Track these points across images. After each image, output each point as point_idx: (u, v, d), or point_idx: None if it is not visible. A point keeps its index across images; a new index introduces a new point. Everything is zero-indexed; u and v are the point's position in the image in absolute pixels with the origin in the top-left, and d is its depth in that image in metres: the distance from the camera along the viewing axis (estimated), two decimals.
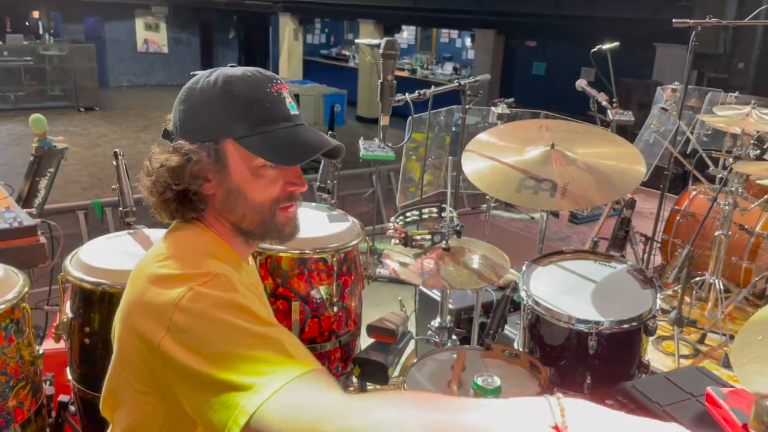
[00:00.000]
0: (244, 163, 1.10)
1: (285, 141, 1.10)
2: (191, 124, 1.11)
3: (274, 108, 1.11)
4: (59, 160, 3.26)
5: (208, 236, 1.15)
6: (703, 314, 3.80)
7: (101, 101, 10.99)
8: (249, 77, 1.11)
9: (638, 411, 1.71)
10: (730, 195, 3.50)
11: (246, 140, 1.09)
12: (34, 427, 1.72)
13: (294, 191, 1.15)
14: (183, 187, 1.09)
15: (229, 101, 1.09)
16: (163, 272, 1.03)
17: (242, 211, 1.13)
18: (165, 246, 1.12)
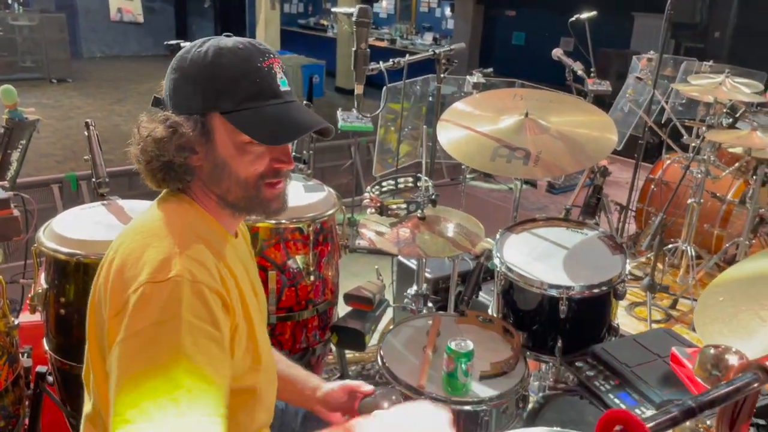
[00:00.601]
0: (230, 138, 1.10)
1: (271, 119, 1.09)
2: (180, 95, 1.11)
3: (264, 84, 1.10)
4: (31, 132, 3.20)
5: (193, 210, 1.15)
6: (675, 281, 3.89)
7: (74, 73, 10.74)
8: (240, 50, 1.09)
9: (608, 372, 1.76)
10: (702, 163, 3.56)
11: (232, 115, 1.09)
12: (11, 397, 1.73)
13: (280, 168, 1.15)
14: (168, 159, 1.09)
15: (218, 74, 1.08)
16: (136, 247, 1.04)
17: (227, 185, 1.13)
18: (148, 217, 1.12)
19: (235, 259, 1.20)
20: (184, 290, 0.98)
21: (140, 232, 1.08)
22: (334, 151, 6.25)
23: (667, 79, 4.93)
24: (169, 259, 1.01)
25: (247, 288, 1.21)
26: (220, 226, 1.18)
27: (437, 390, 1.71)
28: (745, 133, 3.18)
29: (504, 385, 1.74)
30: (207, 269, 1.04)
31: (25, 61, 10.36)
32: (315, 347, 2.26)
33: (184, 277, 0.99)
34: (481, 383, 1.74)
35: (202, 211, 1.16)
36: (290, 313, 2.14)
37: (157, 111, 1.13)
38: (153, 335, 0.95)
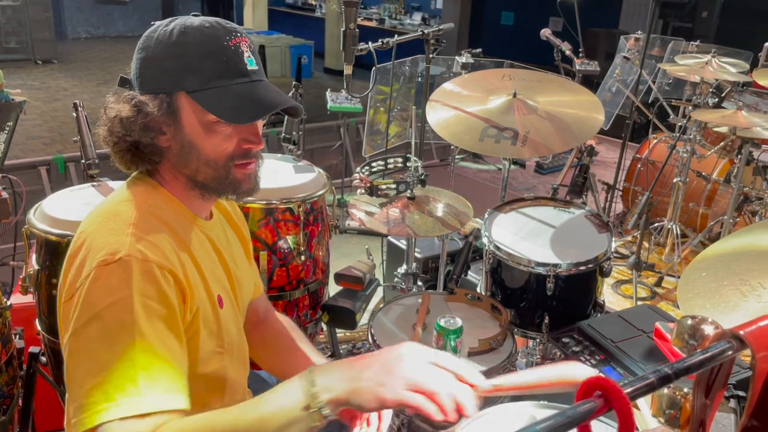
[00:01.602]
0: (196, 118, 1.09)
1: (237, 98, 1.08)
2: (146, 74, 1.10)
3: (230, 63, 1.09)
4: (17, 113, 3.17)
5: (158, 193, 1.14)
6: (660, 259, 3.94)
7: (59, 54, 10.60)
8: (206, 29, 1.08)
9: (593, 347, 1.80)
10: (688, 143, 3.59)
11: (198, 94, 1.08)
12: (5, 378, 1.74)
13: (250, 149, 1.14)
14: (135, 139, 1.09)
15: (184, 53, 1.07)
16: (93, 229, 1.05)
17: (196, 165, 1.12)
18: (111, 199, 1.14)
19: (204, 242, 1.20)
20: (134, 270, 0.99)
21: (100, 214, 1.10)
22: (324, 133, 6.23)
23: (654, 58, 4.95)
24: (120, 240, 1.02)
25: (215, 271, 1.21)
26: (186, 209, 1.17)
27: None
28: (731, 113, 3.21)
29: (492, 360, 1.78)
30: (160, 249, 1.04)
31: (9, 42, 10.19)
32: (306, 326, 2.28)
33: (133, 256, 1.00)
34: (470, 359, 1.78)
35: (168, 195, 1.15)
36: (281, 293, 2.16)
37: (124, 91, 1.12)
38: (106, 318, 0.96)
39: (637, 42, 4.32)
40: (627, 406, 0.51)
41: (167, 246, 1.06)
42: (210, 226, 1.24)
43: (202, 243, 1.19)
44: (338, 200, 4.19)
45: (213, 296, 1.17)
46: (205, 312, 1.13)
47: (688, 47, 4.41)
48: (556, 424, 0.49)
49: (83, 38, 13.40)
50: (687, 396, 0.65)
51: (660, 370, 0.55)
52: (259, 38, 10.20)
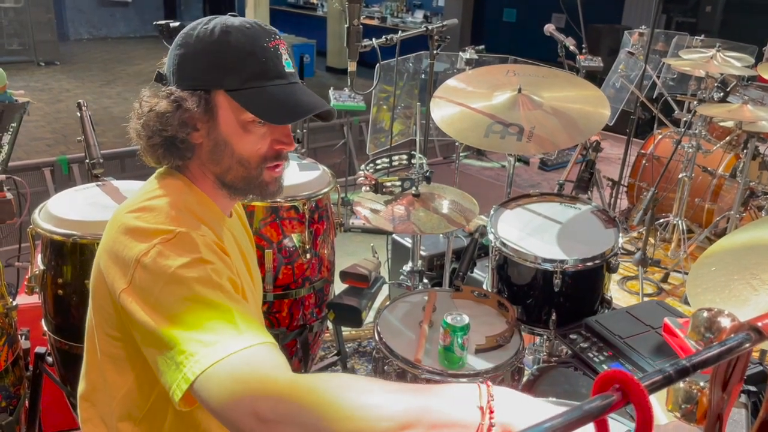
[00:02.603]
0: (233, 116, 1.09)
1: (276, 99, 1.09)
2: (185, 71, 1.10)
3: (270, 64, 1.09)
4: (21, 114, 3.17)
5: (188, 189, 1.15)
6: (666, 255, 3.93)
7: (62, 55, 10.60)
8: (247, 29, 1.09)
9: (601, 343, 1.79)
10: (693, 138, 3.58)
11: (237, 93, 1.08)
12: (11, 378, 1.74)
13: (281, 150, 1.14)
14: (170, 134, 1.09)
15: (225, 52, 1.07)
16: (133, 224, 1.04)
17: (228, 163, 1.13)
18: (143, 195, 1.12)
19: (231, 240, 1.21)
20: (196, 237, 1.01)
21: (132, 207, 1.08)
22: (327, 131, 6.22)
23: (658, 53, 4.93)
24: (170, 222, 1.03)
25: (241, 269, 1.22)
26: (216, 206, 1.18)
27: (434, 363, 1.73)
28: (736, 107, 3.19)
29: (499, 357, 1.77)
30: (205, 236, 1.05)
31: (11, 44, 10.20)
32: (312, 324, 2.28)
33: (190, 231, 1.01)
34: (477, 356, 1.77)
35: (200, 192, 1.15)
36: (287, 291, 2.15)
37: (159, 86, 1.13)
38: (182, 275, 0.95)
39: (641, 37, 4.30)
40: (645, 399, 0.50)
41: (208, 234, 1.07)
42: (232, 224, 1.26)
43: (229, 241, 1.20)
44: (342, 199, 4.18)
45: (240, 288, 1.16)
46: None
47: (693, 42, 4.39)
48: (574, 418, 0.48)
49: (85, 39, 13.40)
50: (703, 390, 0.64)
51: (678, 362, 0.54)
52: None
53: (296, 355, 2.27)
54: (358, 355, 2.94)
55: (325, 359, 2.69)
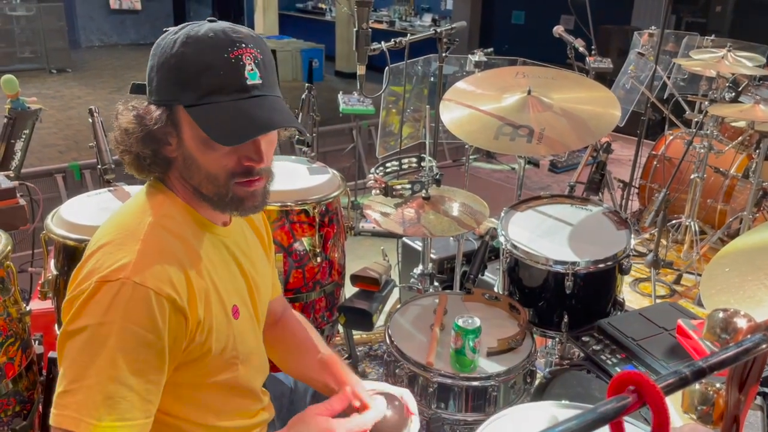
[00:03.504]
0: (195, 132, 1.06)
1: (230, 116, 1.03)
2: (152, 83, 1.08)
3: (228, 77, 1.03)
4: (34, 121, 3.20)
5: (171, 203, 1.13)
6: (679, 256, 3.90)
7: (73, 62, 10.69)
8: (209, 39, 1.04)
9: (614, 345, 1.78)
10: (705, 138, 3.55)
11: (193, 109, 1.04)
12: (25, 383, 1.75)
13: (251, 167, 1.09)
14: (137, 150, 1.08)
15: (183, 65, 1.04)
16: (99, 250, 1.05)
17: (198, 179, 1.10)
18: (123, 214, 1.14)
19: (219, 251, 1.18)
20: (129, 294, 0.99)
21: (115, 225, 1.10)
22: (336, 135, 6.23)
23: (668, 54, 4.90)
24: (126, 258, 1.02)
25: (232, 281, 1.19)
26: (201, 218, 1.15)
27: (445, 367, 1.73)
28: (748, 107, 3.16)
29: (511, 360, 1.76)
30: (165, 271, 1.03)
31: (23, 51, 10.30)
32: (323, 328, 2.28)
33: (131, 279, 1.00)
34: (489, 359, 1.76)
35: (182, 204, 1.13)
36: (298, 295, 2.16)
37: (135, 98, 1.11)
38: (91, 335, 0.98)
39: (651, 38, 4.28)
40: (662, 400, 0.49)
41: (174, 265, 1.05)
42: (227, 233, 1.22)
43: (218, 252, 1.17)
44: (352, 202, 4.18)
45: (227, 308, 1.15)
46: (218, 324, 1.12)
47: (703, 42, 4.36)
48: (589, 420, 0.48)
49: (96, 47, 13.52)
50: (719, 391, 0.64)
51: (694, 364, 0.53)
52: (270, 43, 10.23)
53: None
54: (369, 359, 2.93)
55: None
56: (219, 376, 1.16)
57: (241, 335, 1.19)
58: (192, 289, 1.07)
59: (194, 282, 1.07)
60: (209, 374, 1.14)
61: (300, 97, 2.35)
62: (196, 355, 1.09)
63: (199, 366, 1.11)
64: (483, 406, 1.72)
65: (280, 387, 1.54)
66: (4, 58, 10.03)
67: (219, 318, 1.12)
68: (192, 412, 1.16)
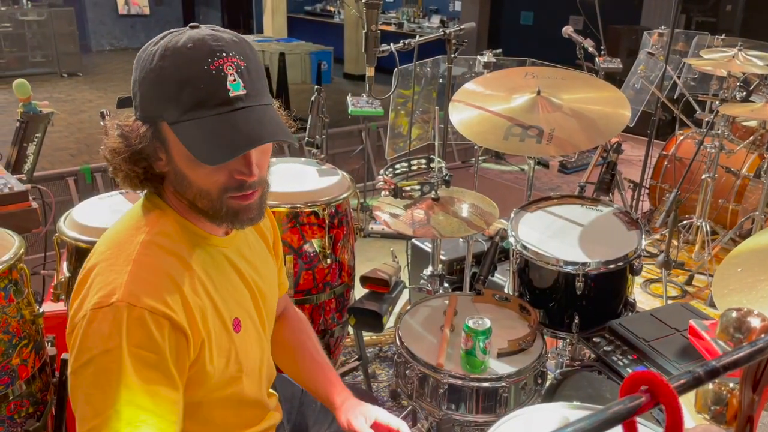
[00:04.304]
0: (182, 149, 1.02)
1: (211, 132, 0.99)
2: (136, 99, 1.05)
3: (209, 90, 0.99)
4: (46, 125, 3.23)
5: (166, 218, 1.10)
6: (690, 257, 3.87)
7: (84, 66, 10.79)
8: (188, 50, 0.99)
9: (625, 346, 1.77)
10: (716, 138, 3.53)
11: (177, 126, 1.00)
12: (39, 384, 1.77)
13: (243, 181, 1.05)
14: (126, 168, 1.05)
15: (162, 80, 1.00)
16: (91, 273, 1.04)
17: (191, 194, 1.07)
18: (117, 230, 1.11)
19: (219, 263, 1.16)
20: (124, 317, 0.98)
21: (109, 243, 1.08)
22: (345, 137, 6.24)
23: (678, 54, 4.88)
24: (118, 280, 1.01)
25: (233, 293, 1.17)
26: (199, 230, 1.13)
27: (456, 368, 1.72)
28: (759, 106, 3.14)
29: (522, 361, 1.76)
30: (157, 290, 1.02)
31: (35, 56, 10.40)
32: (333, 329, 2.28)
33: (125, 301, 0.98)
34: (499, 360, 1.76)
35: (178, 217, 1.11)
36: (308, 296, 2.16)
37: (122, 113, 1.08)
38: (98, 365, 0.97)
39: (660, 37, 4.26)
40: (675, 400, 0.49)
41: (168, 284, 1.03)
42: (229, 242, 1.19)
43: (217, 265, 1.15)
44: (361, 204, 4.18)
45: (227, 322, 1.14)
46: (218, 340, 1.11)
47: (714, 41, 4.33)
48: (602, 420, 0.48)
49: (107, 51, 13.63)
50: (733, 391, 0.63)
51: (708, 363, 0.53)
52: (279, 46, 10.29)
53: None
54: (379, 360, 2.93)
55: (347, 364, 2.69)
56: (223, 390, 1.15)
57: (243, 348, 1.17)
58: (188, 307, 1.05)
59: (190, 299, 1.05)
60: (213, 389, 1.13)
61: (309, 100, 2.36)
62: (199, 371, 1.09)
63: (201, 382, 1.10)
64: (494, 407, 1.71)
65: (290, 388, 1.54)
66: (16, 63, 10.13)
67: (218, 333, 1.11)
68: (198, 426, 1.15)
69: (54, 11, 10.55)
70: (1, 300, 1.61)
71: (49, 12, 10.45)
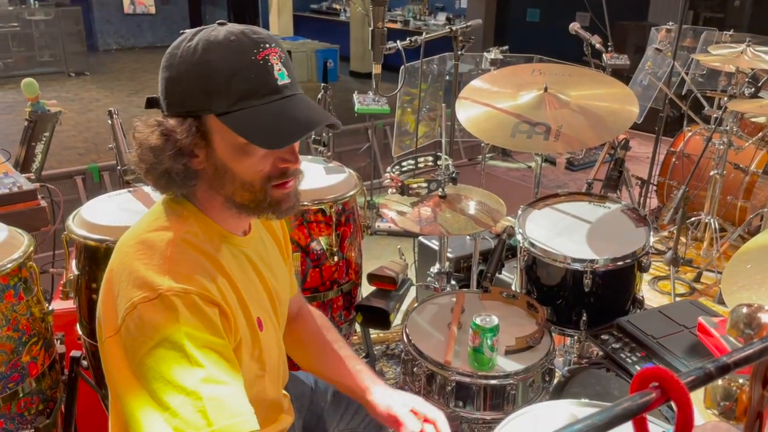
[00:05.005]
0: (227, 141, 1.02)
1: (268, 119, 1.01)
2: (172, 96, 1.04)
3: (259, 80, 1.01)
4: (54, 124, 3.25)
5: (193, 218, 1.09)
6: (698, 254, 3.86)
7: (91, 66, 10.82)
8: (232, 42, 1.00)
9: (634, 344, 1.76)
10: (724, 134, 3.51)
11: (227, 117, 1.00)
12: (48, 381, 1.78)
13: (287, 168, 1.07)
14: (166, 167, 1.03)
15: (208, 73, 0.99)
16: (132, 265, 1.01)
17: (231, 188, 1.06)
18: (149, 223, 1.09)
19: (241, 263, 1.16)
20: (177, 304, 0.96)
21: (134, 245, 1.05)
22: (351, 135, 6.24)
23: (686, 50, 4.85)
24: (158, 275, 0.99)
25: (255, 293, 1.17)
26: (222, 230, 1.12)
27: (463, 365, 1.72)
28: None
29: (529, 359, 1.76)
30: (198, 281, 1.01)
31: (43, 55, 10.44)
32: (340, 327, 2.28)
33: (172, 290, 0.97)
34: (507, 358, 1.76)
35: (203, 217, 1.10)
36: (315, 294, 2.16)
37: (152, 114, 1.07)
38: (160, 357, 0.94)
39: (668, 33, 4.24)
40: (686, 396, 0.49)
41: (205, 276, 1.03)
42: (247, 242, 1.19)
43: (240, 264, 1.15)
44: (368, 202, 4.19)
45: (253, 320, 1.13)
46: (246, 338, 1.11)
47: (722, 37, 4.31)
48: (612, 416, 0.48)
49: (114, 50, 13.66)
50: (743, 387, 0.63)
51: (718, 360, 0.53)
52: (285, 44, 10.26)
53: None
54: (386, 358, 2.94)
55: None
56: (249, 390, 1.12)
57: (267, 347, 1.17)
58: (224, 298, 1.05)
59: (225, 292, 1.05)
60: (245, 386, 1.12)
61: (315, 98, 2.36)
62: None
63: None
64: (501, 404, 1.72)
65: (300, 386, 1.54)
66: (23, 62, 10.17)
67: (245, 329, 1.11)
68: None
69: (61, 11, 10.57)
70: (11, 298, 1.62)
71: (57, 11, 10.48)
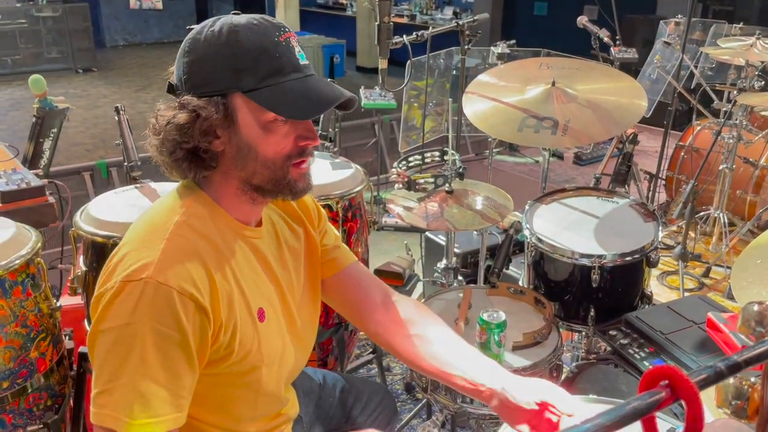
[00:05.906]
0: (254, 118, 1.07)
1: (296, 93, 1.06)
2: (197, 77, 1.07)
3: (284, 58, 1.06)
4: (61, 120, 3.26)
5: (203, 203, 1.12)
6: (707, 248, 3.83)
7: (99, 62, 10.86)
8: (255, 25, 1.06)
9: (642, 339, 1.75)
10: (734, 128, 3.48)
11: (255, 93, 1.05)
12: (57, 377, 1.78)
13: (306, 146, 1.12)
14: (193, 145, 1.06)
15: (236, 52, 1.04)
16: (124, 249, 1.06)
17: (252, 167, 1.10)
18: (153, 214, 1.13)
19: (246, 253, 1.17)
20: (153, 293, 1.00)
21: (144, 222, 1.12)
22: (358, 130, 6.23)
23: (695, 43, 4.81)
24: (150, 256, 1.03)
25: (258, 283, 1.18)
26: (232, 219, 1.15)
27: None
28: None
29: (537, 355, 1.75)
30: (187, 270, 1.03)
31: (50, 52, 10.47)
32: (347, 323, 2.28)
33: (154, 279, 1.01)
34: (514, 353, 1.75)
35: (213, 205, 1.13)
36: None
37: (172, 98, 1.10)
38: (119, 335, 1.00)
39: (677, 26, 4.20)
40: (696, 395, 0.48)
41: (198, 265, 1.05)
42: (258, 233, 1.21)
43: (245, 255, 1.17)
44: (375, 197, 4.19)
45: (252, 310, 1.15)
46: (243, 327, 1.12)
47: (731, 30, 4.27)
48: (622, 415, 0.47)
49: (121, 46, 13.70)
50: (754, 386, 0.62)
51: (729, 358, 0.52)
52: None
53: (332, 354, 2.28)
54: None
55: (361, 357, 2.70)
56: (242, 378, 1.16)
57: (266, 338, 1.18)
58: (215, 290, 1.06)
59: (218, 283, 1.07)
60: (232, 376, 1.14)
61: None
62: (220, 356, 1.10)
63: (222, 368, 1.11)
64: None
65: (309, 382, 1.54)
66: (31, 59, 10.20)
67: (243, 320, 1.12)
68: (213, 415, 1.16)
69: (68, 7, 10.60)
70: (19, 294, 1.62)
71: (64, 8, 10.50)
